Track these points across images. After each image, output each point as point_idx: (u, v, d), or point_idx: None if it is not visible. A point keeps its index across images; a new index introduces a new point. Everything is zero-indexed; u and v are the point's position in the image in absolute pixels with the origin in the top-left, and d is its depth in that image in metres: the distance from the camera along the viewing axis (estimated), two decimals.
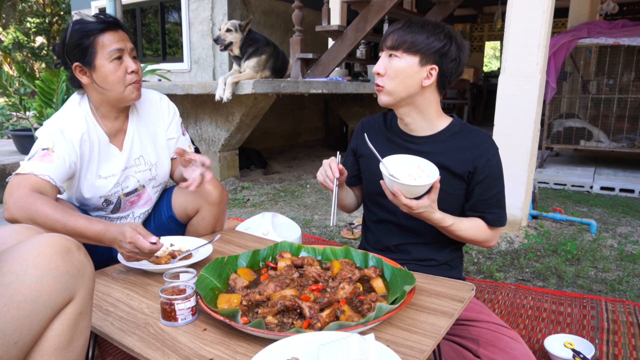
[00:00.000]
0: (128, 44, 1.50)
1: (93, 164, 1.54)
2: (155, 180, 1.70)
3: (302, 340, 0.87)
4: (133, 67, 1.49)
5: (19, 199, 1.30)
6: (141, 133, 1.64)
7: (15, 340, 0.76)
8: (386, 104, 1.35)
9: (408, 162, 1.27)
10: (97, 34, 1.45)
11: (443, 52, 1.26)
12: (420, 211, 1.23)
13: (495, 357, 1.13)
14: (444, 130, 1.37)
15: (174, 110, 1.75)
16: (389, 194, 1.23)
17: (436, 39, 1.26)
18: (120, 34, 1.48)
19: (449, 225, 1.29)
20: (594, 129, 4.61)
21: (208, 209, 1.65)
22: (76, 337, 0.87)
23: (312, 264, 1.26)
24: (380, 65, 1.32)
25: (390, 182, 1.20)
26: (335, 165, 1.32)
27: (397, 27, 1.30)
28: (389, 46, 1.29)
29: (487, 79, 10.86)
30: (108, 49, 1.45)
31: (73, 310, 0.85)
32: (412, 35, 1.26)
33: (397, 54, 1.27)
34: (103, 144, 1.56)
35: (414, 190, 1.20)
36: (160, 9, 7.44)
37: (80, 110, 1.53)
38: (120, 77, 1.47)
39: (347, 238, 2.93)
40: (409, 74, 1.27)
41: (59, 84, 3.70)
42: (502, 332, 1.20)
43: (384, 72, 1.30)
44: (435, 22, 1.29)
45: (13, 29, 14.53)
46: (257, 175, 4.85)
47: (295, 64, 4.55)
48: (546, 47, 2.67)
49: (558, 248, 2.69)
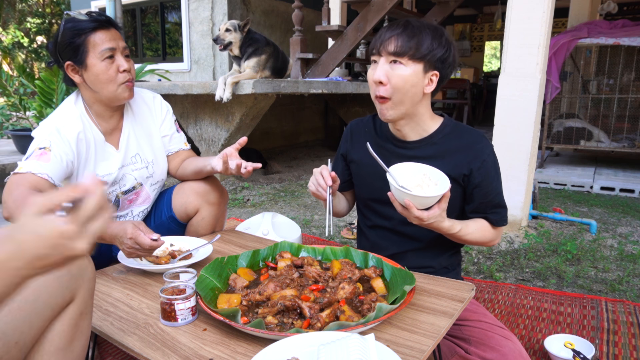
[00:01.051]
0: (120, 42, 1.49)
1: (90, 163, 1.54)
2: (153, 178, 1.70)
3: (302, 340, 0.87)
4: (125, 66, 1.48)
5: (18, 197, 1.30)
6: (137, 131, 1.65)
7: (15, 340, 0.76)
8: (393, 118, 1.28)
9: (413, 170, 1.22)
10: (88, 33, 1.44)
11: (444, 59, 1.23)
12: (431, 222, 1.17)
13: (485, 355, 1.13)
14: (435, 132, 1.33)
15: (167, 107, 1.75)
16: (397, 206, 1.17)
17: (439, 45, 1.21)
18: (112, 33, 1.47)
19: (457, 232, 1.25)
20: (594, 129, 4.61)
21: (208, 209, 1.65)
22: (77, 337, 0.87)
23: (312, 264, 1.26)
24: (381, 73, 1.22)
25: (400, 193, 1.13)
26: (327, 173, 1.26)
27: (396, 31, 1.22)
28: (393, 52, 1.20)
29: (487, 79, 10.86)
30: (100, 48, 1.45)
31: (74, 310, 0.85)
32: (416, 40, 1.19)
33: (402, 61, 1.20)
34: (99, 142, 1.56)
35: (426, 202, 1.14)
36: (160, 9, 7.44)
37: (75, 109, 1.53)
38: (112, 76, 1.47)
39: (347, 238, 2.93)
40: (414, 82, 1.22)
41: (59, 84, 3.71)
42: (493, 330, 1.20)
43: (387, 80, 1.22)
44: (434, 26, 1.24)
45: (13, 29, 14.53)
46: (257, 175, 4.85)
47: (295, 64, 4.55)
48: (546, 47, 2.67)
49: (558, 248, 2.69)
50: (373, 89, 1.27)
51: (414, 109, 1.27)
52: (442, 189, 1.15)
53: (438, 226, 1.20)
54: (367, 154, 1.39)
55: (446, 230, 1.23)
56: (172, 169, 1.76)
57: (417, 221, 1.18)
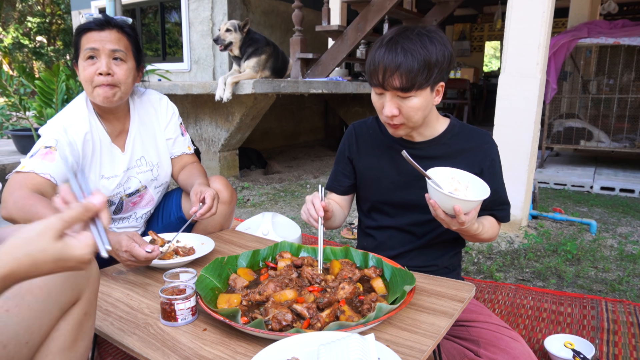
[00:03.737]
0: (108, 44, 1.44)
1: (95, 164, 1.54)
2: (157, 181, 1.70)
3: (302, 340, 0.87)
4: (102, 69, 1.43)
5: (20, 199, 1.30)
6: (142, 134, 1.64)
7: (26, 340, 0.76)
8: (405, 134, 1.30)
9: (443, 174, 1.20)
10: (82, 33, 1.46)
11: (448, 67, 1.21)
12: (468, 226, 1.15)
13: (496, 357, 1.13)
14: (443, 132, 1.35)
15: (173, 110, 1.74)
16: (440, 212, 1.13)
17: (441, 56, 1.16)
18: (104, 34, 1.45)
19: (479, 233, 1.23)
20: (594, 129, 4.61)
21: (219, 207, 1.65)
22: (81, 337, 0.87)
23: (312, 264, 1.26)
24: (392, 108, 1.19)
25: (448, 199, 1.09)
26: (318, 203, 1.24)
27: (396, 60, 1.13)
28: (400, 88, 1.15)
29: (487, 79, 10.86)
30: (84, 47, 1.45)
31: (79, 310, 0.85)
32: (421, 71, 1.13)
33: (411, 94, 1.17)
34: (105, 144, 1.56)
35: (471, 206, 1.12)
36: (160, 9, 7.44)
37: (85, 109, 1.54)
38: (87, 77, 1.45)
39: (347, 238, 2.92)
40: (426, 104, 1.21)
41: (59, 84, 3.70)
42: (502, 332, 1.20)
43: (399, 112, 1.20)
44: (429, 36, 1.17)
45: (13, 29, 14.53)
46: (257, 175, 4.85)
47: (295, 64, 4.55)
48: (546, 47, 2.67)
49: (558, 248, 2.69)
50: (383, 118, 1.26)
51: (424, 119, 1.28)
52: (485, 192, 1.14)
53: (470, 229, 1.18)
54: (375, 158, 1.40)
55: (474, 232, 1.21)
56: (174, 173, 1.76)
57: (457, 226, 1.15)
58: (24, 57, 14.68)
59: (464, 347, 1.21)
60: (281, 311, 0.97)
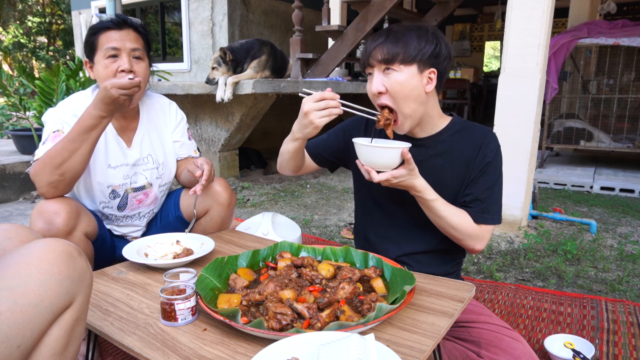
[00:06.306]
0: (129, 43, 1.50)
1: (100, 152, 1.57)
2: (162, 180, 1.74)
3: (302, 340, 0.87)
4: (124, 67, 1.49)
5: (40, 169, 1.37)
6: (150, 133, 1.69)
7: (18, 343, 0.76)
8: (410, 127, 1.28)
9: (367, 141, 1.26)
10: (100, 32, 1.50)
11: (436, 53, 1.22)
12: (400, 180, 1.18)
13: (498, 357, 1.13)
14: (444, 129, 1.34)
15: (182, 116, 1.81)
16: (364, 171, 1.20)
17: (426, 42, 1.20)
18: (123, 33, 1.50)
19: (432, 200, 1.24)
20: (594, 129, 4.61)
21: (218, 209, 1.68)
22: (71, 342, 0.87)
23: (312, 264, 1.26)
24: (377, 82, 1.23)
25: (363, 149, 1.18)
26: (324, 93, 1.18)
27: (380, 40, 1.22)
28: (382, 60, 1.21)
29: (487, 79, 10.86)
30: (104, 46, 1.49)
31: (71, 315, 0.85)
32: (402, 45, 1.19)
33: (394, 67, 1.20)
34: (111, 134, 1.60)
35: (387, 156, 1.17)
36: (160, 9, 7.45)
37: (90, 97, 1.57)
38: (109, 74, 1.49)
39: (347, 238, 2.93)
40: (414, 84, 1.21)
41: (59, 84, 3.71)
42: (503, 332, 1.20)
43: (385, 89, 1.22)
44: (417, 26, 1.24)
45: (13, 29, 14.53)
46: (257, 175, 4.85)
47: (295, 64, 4.55)
48: (546, 47, 2.67)
49: (558, 248, 2.69)
50: (375, 101, 1.27)
51: (424, 110, 1.27)
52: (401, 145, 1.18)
53: (411, 184, 1.21)
54: None
55: (419, 190, 1.23)
56: (177, 174, 1.81)
57: (387, 184, 1.19)
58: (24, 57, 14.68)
59: (466, 348, 1.21)
60: (281, 310, 0.97)
